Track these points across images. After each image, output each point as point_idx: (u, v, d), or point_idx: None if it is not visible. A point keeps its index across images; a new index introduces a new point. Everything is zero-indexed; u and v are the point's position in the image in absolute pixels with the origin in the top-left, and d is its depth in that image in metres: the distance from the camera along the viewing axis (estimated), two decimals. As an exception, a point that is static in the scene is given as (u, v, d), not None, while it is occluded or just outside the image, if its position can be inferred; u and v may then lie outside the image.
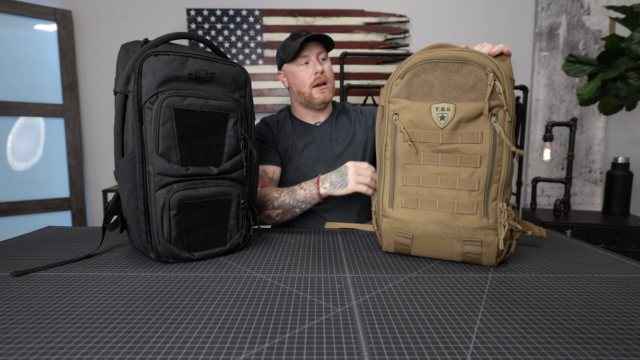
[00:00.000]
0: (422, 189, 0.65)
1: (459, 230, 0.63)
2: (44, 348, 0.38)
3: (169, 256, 0.64)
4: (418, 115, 0.64)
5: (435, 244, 0.65)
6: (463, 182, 0.62)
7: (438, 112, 0.62)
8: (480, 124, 0.60)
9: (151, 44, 0.64)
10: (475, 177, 0.61)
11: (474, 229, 0.62)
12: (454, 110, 0.61)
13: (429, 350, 0.38)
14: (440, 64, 0.63)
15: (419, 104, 0.64)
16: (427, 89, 0.64)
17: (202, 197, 0.66)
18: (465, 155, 0.62)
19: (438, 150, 0.63)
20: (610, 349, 0.39)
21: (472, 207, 0.62)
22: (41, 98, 2.24)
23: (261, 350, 0.38)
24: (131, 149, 0.64)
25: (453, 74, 0.62)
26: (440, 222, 0.64)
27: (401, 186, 0.67)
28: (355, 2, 2.40)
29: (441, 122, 0.62)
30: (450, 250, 0.64)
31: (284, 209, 0.96)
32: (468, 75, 0.61)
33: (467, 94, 0.61)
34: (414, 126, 0.65)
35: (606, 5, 2.33)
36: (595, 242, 1.82)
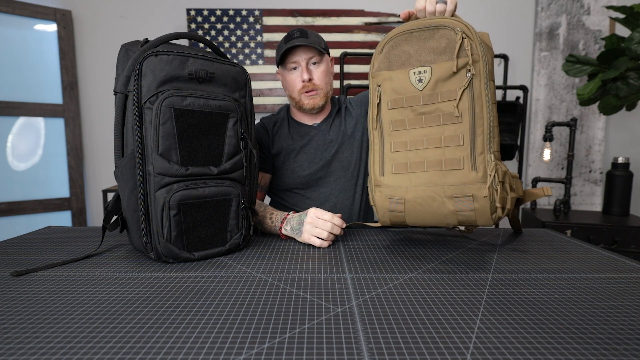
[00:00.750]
0: (409, 153, 0.67)
1: (449, 188, 0.63)
2: (44, 348, 0.38)
3: (169, 256, 0.64)
4: (399, 83, 0.68)
5: (428, 206, 0.65)
6: (448, 138, 0.64)
7: (415, 76, 0.66)
8: (457, 81, 0.63)
9: (151, 44, 0.64)
10: (459, 132, 0.63)
11: (463, 183, 0.62)
12: (430, 72, 0.65)
13: (429, 350, 0.38)
14: (414, 33, 0.67)
15: (399, 72, 0.68)
16: (405, 57, 0.68)
17: (202, 197, 0.66)
18: (447, 113, 0.64)
19: (420, 112, 0.66)
20: (610, 349, 0.39)
21: (460, 162, 0.63)
22: (41, 98, 2.24)
23: (261, 350, 0.38)
24: (131, 149, 0.63)
25: (427, 41, 0.66)
26: (429, 182, 0.65)
27: (390, 153, 0.69)
28: (355, 2, 2.40)
29: (419, 84, 0.66)
30: (444, 210, 0.64)
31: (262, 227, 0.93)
32: (440, 38, 0.65)
33: (441, 55, 0.64)
34: (396, 93, 0.68)
35: (606, 5, 2.33)
36: (595, 242, 1.82)
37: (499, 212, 0.62)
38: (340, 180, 1.09)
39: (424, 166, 0.65)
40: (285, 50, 1.00)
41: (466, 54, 0.62)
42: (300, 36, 1.00)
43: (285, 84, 1.08)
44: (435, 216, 0.65)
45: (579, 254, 0.72)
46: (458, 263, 0.66)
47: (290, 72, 1.04)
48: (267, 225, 0.87)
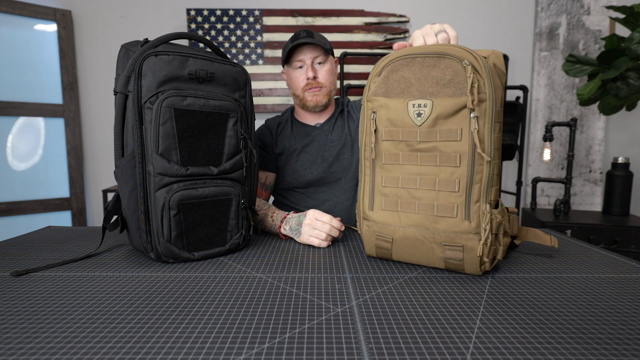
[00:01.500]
0: (401, 190, 0.62)
1: (439, 234, 0.59)
2: (44, 348, 0.38)
3: (169, 256, 0.64)
4: (395, 113, 0.61)
5: (416, 248, 0.62)
6: (443, 182, 0.59)
7: (415, 108, 0.60)
8: (459, 121, 0.57)
9: (151, 44, 0.64)
10: (455, 177, 0.58)
11: (455, 232, 0.58)
12: (430, 107, 0.58)
13: (429, 350, 0.38)
14: (417, 59, 0.60)
15: (396, 101, 0.61)
16: (404, 85, 0.61)
17: (202, 197, 0.66)
18: (445, 154, 0.58)
19: (416, 149, 0.60)
20: (610, 349, 0.39)
21: (453, 210, 0.58)
22: (41, 98, 2.24)
23: (261, 350, 0.38)
24: (131, 149, 0.63)
25: (430, 69, 0.59)
26: (419, 225, 0.61)
27: (380, 187, 0.64)
28: (355, 2, 2.40)
29: (418, 119, 0.59)
30: (432, 255, 0.61)
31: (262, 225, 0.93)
32: (445, 69, 0.58)
33: (444, 89, 0.58)
34: (392, 125, 0.62)
35: (606, 5, 2.33)
36: (595, 242, 1.82)
37: (486, 266, 0.59)
38: (341, 182, 1.09)
39: (415, 207, 0.61)
40: (291, 48, 1.03)
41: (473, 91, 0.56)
42: (307, 36, 1.03)
43: (290, 82, 1.10)
44: (423, 258, 0.63)
45: (579, 254, 0.72)
46: (458, 263, 0.66)
47: (295, 70, 1.07)
48: (267, 224, 0.87)
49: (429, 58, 0.59)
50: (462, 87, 0.56)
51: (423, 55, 0.60)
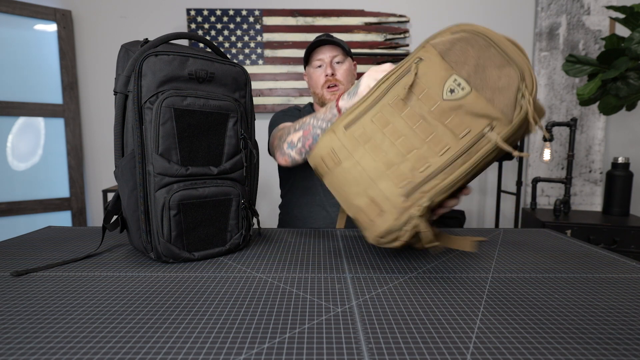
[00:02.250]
0: (379, 133, 0.61)
1: (374, 189, 0.59)
2: (44, 348, 0.38)
3: (169, 256, 0.64)
4: (434, 76, 0.59)
5: (348, 185, 0.62)
6: (415, 156, 0.58)
7: (452, 84, 0.57)
8: (475, 123, 0.55)
9: (151, 44, 0.64)
10: (430, 161, 0.57)
11: (386, 197, 0.58)
12: (466, 94, 0.56)
13: (429, 350, 0.38)
14: (492, 49, 0.57)
15: (444, 67, 0.59)
16: (462, 59, 0.58)
17: (202, 197, 0.66)
18: (439, 137, 0.57)
19: (421, 115, 0.59)
20: (610, 349, 0.39)
21: (402, 180, 0.57)
22: (41, 98, 2.24)
23: (261, 350, 0.38)
24: (131, 149, 0.63)
25: (492, 66, 0.56)
26: (367, 170, 0.60)
27: (368, 119, 0.63)
28: (355, 2, 2.40)
29: (447, 94, 0.58)
30: (355, 200, 0.61)
31: (304, 130, 0.91)
32: (503, 76, 0.55)
33: (488, 90, 0.56)
34: (422, 81, 0.60)
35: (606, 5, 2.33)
36: (595, 242, 1.82)
37: (389, 241, 0.58)
38: None
39: (377, 155, 0.60)
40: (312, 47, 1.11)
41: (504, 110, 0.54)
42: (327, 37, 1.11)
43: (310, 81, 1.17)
44: (345, 197, 0.63)
45: (579, 254, 0.72)
46: (458, 263, 0.66)
47: (315, 69, 1.14)
48: (319, 114, 0.86)
49: (500, 56, 0.56)
50: (501, 102, 0.54)
51: (499, 50, 0.56)
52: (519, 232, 0.90)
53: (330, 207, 1.11)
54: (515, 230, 0.92)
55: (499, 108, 0.54)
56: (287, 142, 0.93)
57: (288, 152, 0.93)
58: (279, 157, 0.95)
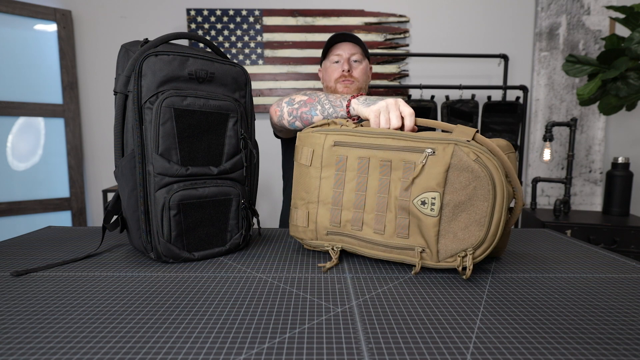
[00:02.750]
0: (351, 174, 0.65)
1: (313, 208, 0.67)
2: (44, 348, 0.38)
3: (169, 256, 0.64)
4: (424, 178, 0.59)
5: (303, 185, 0.68)
6: (358, 215, 0.63)
7: (430, 199, 0.58)
8: (415, 238, 0.59)
9: (151, 44, 0.64)
10: (363, 228, 0.63)
11: (315, 221, 0.67)
12: (429, 216, 0.57)
13: (429, 350, 0.38)
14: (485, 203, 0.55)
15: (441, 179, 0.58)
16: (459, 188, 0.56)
17: (202, 197, 0.66)
18: (383, 219, 0.61)
19: (390, 193, 0.61)
20: (610, 349, 0.39)
21: (334, 222, 0.65)
22: (41, 98, 2.24)
23: (261, 350, 0.38)
24: (131, 149, 0.63)
25: (469, 217, 0.56)
26: (321, 191, 0.67)
27: (355, 156, 0.65)
28: (355, 2, 2.40)
29: (418, 202, 0.58)
30: (298, 198, 0.69)
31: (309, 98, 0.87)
32: (468, 232, 0.56)
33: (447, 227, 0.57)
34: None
35: (606, 5, 2.33)
36: (595, 242, 1.82)
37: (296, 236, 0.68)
38: None
39: (337, 188, 0.65)
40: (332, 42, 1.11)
41: None
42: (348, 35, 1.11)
43: (325, 74, 1.17)
44: (295, 188, 0.69)
45: (579, 254, 0.72)
46: (458, 263, 0.66)
47: (332, 64, 1.14)
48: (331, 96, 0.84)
49: (482, 216, 0.55)
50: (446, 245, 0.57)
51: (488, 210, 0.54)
52: (519, 232, 0.90)
53: None
54: (515, 230, 0.92)
55: (440, 246, 0.57)
56: (289, 97, 0.93)
57: (283, 105, 0.92)
58: (273, 107, 0.96)
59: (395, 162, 0.60)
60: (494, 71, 2.46)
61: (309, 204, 0.67)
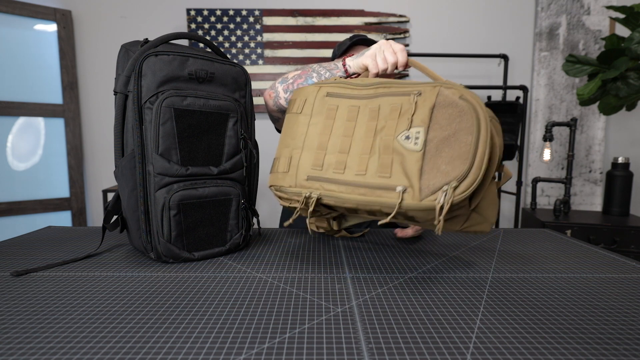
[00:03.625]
0: (340, 122, 0.66)
1: (296, 152, 0.65)
2: (44, 348, 0.38)
3: (169, 256, 0.64)
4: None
5: (288, 133, 0.67)
6: (341, 158, 0.62)
7: (414, 133, 0.58)
8: (397, 177, 0.56)
9: (151, 44, 0.64)
10: (345, 171, 0.60)
11: (297, 165, 0.64)
12: (413, 151, 0.56)
13: (429, 350, 0.38)
14: (469, 137, 0.55)
15: (425, 115, 0.59)
16: (444, 124, 0.57)
17: (202, 197, 0.66)
18: (365, 161, 0.59)
19: (376, 135, 0.61)
20: (610, 349, 0.39)
21: (317, 166, 0.63)
22: (41, 98, 2.24)
23: (261, 350, 0.38)
24: (131, 149, 0.64)
25: (453, 152, 0.55)
26: (307, 136, 0.66)
27: (345, 105, 0.66)
28: (355, 2, 2.40)
29: (402, 137, 0.59)
30: (282, 146, 0.66)
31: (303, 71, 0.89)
32: (450, 166, 0.54)
33: (430, 164, 0.56)
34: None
35: (606, 5, 2.33)
36: (595, 242, 1.82)
37: (275, 192, 0.64)
38: None
39: (323, 132, 0.65)
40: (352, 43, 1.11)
41: None
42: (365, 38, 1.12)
43: None
44: (281, 139, 0.67)
45: (579, 254, 0.72)
46: (458, 263, 0.66)
47: None
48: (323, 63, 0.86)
49: (466, 150, 0.54)
50: (428, 180, 0.54)
51: (472, 145, 0.54)
52: (519, 232, 0.90)
53: None
54: (515, 231, 0.92)
55: (423, 183, 0.54)
56: (282, 77, 0.90)
57: (277, 86, 0.89)
58: (267, 92, 0.92)
59: (384, 107, 0.62)
60: (493, 71, 2.45)
61: (293, 150, 0.65)
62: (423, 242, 0.80)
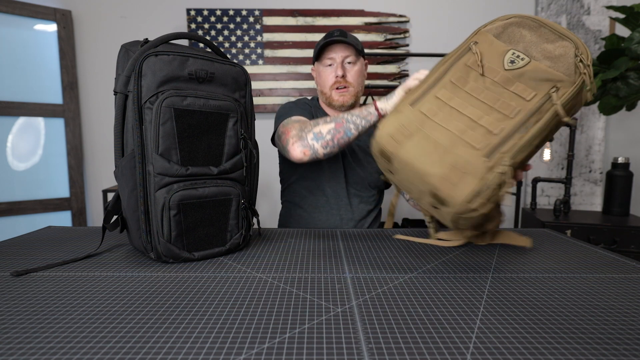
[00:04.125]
0: (447, 106, 0.65)
1: (452, 154, 0.60)
2: (44, 348, 0.38)
3: (169, 256, 0.64)
4: (492, 51, 0.65)
5: (424, 155, 0.63)
6: (488, 120, 0.61)
7: (512, 56, 0.63)
8: (539, 88, 0.60)
9: (151, 44, 0.64)
10: (501, 123, 0.60)
11: (467, 160, 0.59)
12: (526, 63, 0.62)
13: (429, 350, 0.38)
14: (542, 28, 0.64)
15: (501, 44, 0.65)
16: (517, 39, 0.65)
17: (202, 197, 0.66)
18: (506, 103, 0.61)
19: (485, 86, 0.63)
20: (610, 349, 0.39)
21: (480, 143, 0.60)
22: (41, 98, 2.24)
23: (261, 350, 0.38)
24: (131, 149, 0.64)
25: (546, 42, 0.63)
26: (443, 137, 0.62)
27: (434, 95, 0.67)
28: (355, 2, 2.40)
29: (508, 64, 0.63)
30: (432, 168, 0.61)
31: (337, 123, 0.87)
32: (558, 48, 0.62)
33: (546, 60, 0.62)
34: (481, 56, 0.66)
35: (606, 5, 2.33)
36: (595, 242, 1.82)
37: (473, 204, 0.58)
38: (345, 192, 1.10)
39: (449, 122, 0.63)
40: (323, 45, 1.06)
41: (568, 80, 0.59)
42: (340, 35, 1.06)
43: (319, 79, 1.13)
44: (420, 172, 0.63)
45: (579, 254, 0.72)
46: (458, 263, 0.66)
47: (325, 68, 1.10)
48: (355, 111, 0.86)
49: (552, 33, 0.63)
50: (561, 67, 0.60)
51: (549, 29, 0.64)
52: (519, 232, 0.90)
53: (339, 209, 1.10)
54: (515, 230, 0.92)
55: (560, 72, 0.60)
56: (313, 132, 0.88)
57: (312, 143, 0.87)
58: (297, 148, 0.89)
59: (463, 69, 0.67)
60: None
61: (445, 157, 0.62)
62: (423, 242, 0.80)
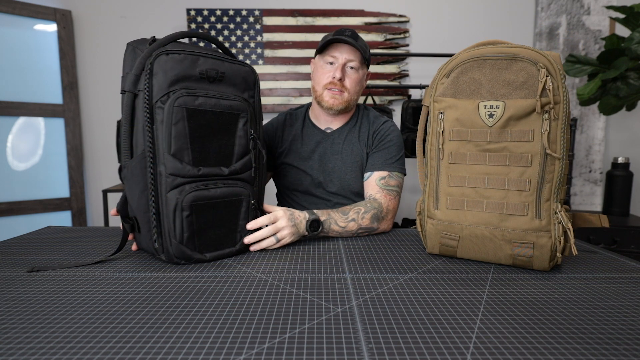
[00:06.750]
0: (467, 190, 0.64)
1: (508, 232, 0.61)
2: (44, 348, 0.38)
3: (181, 257, 0.63)
4: (465, 114, 0.63)
5: (483, 245, 0.63)
6: (513, 182, 0.60)
7: (486, 110, 0.61)
8: (532, 122, 0.59)
9: (159, 43, 0.63)
10: (526, 177, 0.59)
11: (525, 230, 0.60)
12: (503, 108, 0.60)
13: (429, 350, 0.38)
14: (488, 61, 0.61)
15: (466, 102, 0.63)
16: (475, 87, 0.62)
17: (214, 197, 0.65)
18: (515, 154, 0.60)
19: (485, 149, 0.62)
20: (610, 349, 0.39)
21: (523, 208, 0.60)
22: (41, 98, 2.24)
23: (261, 350, 0.38)
24: (141, 150, 0.62)
25: (502, 71, 0.60)
26: (488, 223, 0.62)
27: (445, 187, 0.66)
28: (355, 2, 2.40)
29: (489, 120, 0.61)
30: (499, 252, 0.62)
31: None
32: (518, 72, 0.59)
33: (517, 91, 0.59)
34: (460, 125, 0.63)
35: (606, 5, 2.33)
36: (595, 242, 1.81)
37: (558, 260, 0.61)
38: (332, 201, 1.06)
39: (483, 206, 0.62)
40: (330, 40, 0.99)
41: (547, 93, 0.57)
42: (351, 36, 0.99)
43: (315, 73, 1.05)
44: (489, 255, 0.64)
45: (579, 254, 0.72)
46: (458, 263, 0.66)
47: (325, 64, 1.02)
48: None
49: (501, 60, 0.61)
50: (536, 90, 0.58)
51: (494, 58, 0.61)
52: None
53: None
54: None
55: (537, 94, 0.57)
56: None
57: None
58: None
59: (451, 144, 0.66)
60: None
61: (502, 241, 0.63)
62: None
